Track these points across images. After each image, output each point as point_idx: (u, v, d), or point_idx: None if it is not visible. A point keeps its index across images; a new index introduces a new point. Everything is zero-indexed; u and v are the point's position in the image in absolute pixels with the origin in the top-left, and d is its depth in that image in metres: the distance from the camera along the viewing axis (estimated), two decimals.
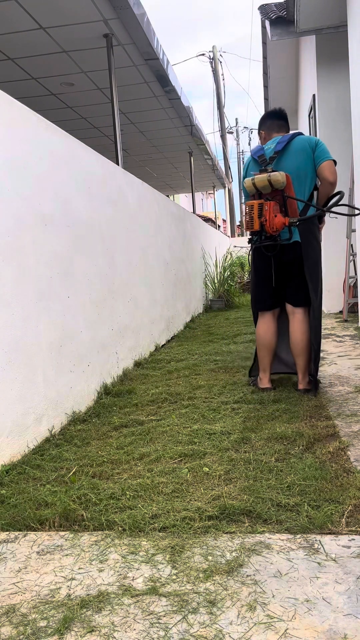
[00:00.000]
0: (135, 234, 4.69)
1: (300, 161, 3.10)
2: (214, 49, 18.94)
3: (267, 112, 3.48)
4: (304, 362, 3.23)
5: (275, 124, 3.33)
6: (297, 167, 3.09)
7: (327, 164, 3.08)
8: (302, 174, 3.11)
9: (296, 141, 3.14)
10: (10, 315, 2.45)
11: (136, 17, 4.73)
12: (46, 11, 4.56)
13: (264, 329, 3.34)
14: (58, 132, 3.13)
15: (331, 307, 7.16)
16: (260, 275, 3.30)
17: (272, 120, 3.35)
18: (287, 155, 3.12)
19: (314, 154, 3.11)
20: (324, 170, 3.09)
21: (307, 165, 3.11)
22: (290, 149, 3.13)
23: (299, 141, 3.13)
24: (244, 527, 1.71)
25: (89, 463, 2.36)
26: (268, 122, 3.36)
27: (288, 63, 8.62)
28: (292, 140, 3.14)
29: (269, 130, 3.34)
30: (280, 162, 3.12)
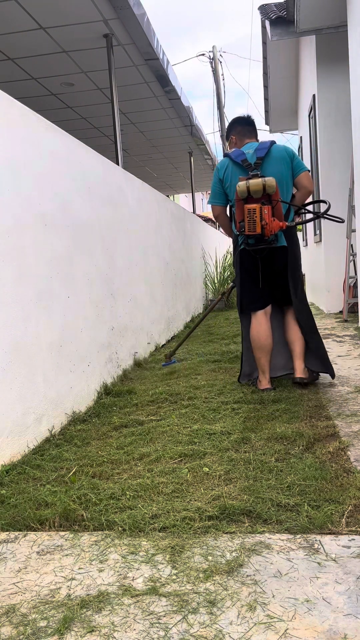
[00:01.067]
0: (135, 234, 4.69)
1: (281, 169, 3.26)
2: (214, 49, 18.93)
3: (235, 117, 3.56)
4: (300, 347, 3.34)
5: (246, 129, 3.47)
6: (279, 174, 3.25)
7: (306, 174, 3.32)
8: (283, 180, 3.27)
9: (275, 149, 3.29)
10: (10, 315, 2.45)
11: (136, 17, 4.73)
12: (46, 11, 4.56)
13: (258, 331, 3.34)
14: (58, 132, 3.13)
15: (331, 307, 7.16)
16: (252, 276, 3.38)
17: (242, 126, 3.48)
18: (269, 162, 3.26)
19: (292, 164, 3.30)
20: (303, 180, 3.31)
21: (287, 173, 3.29)
22: (271, 156, 3.26)
23: (277, 149, 3.29)
24: (244, 527, 1.71)
25: (89, 463, 2.36)
26: (238, 128, 3.49)
27: (288, 63, 8.62)
28: (271, 148, 3.27)
29: (240, 136, 3.47)
30: (264, 168, 3.25)
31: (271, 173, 3.22)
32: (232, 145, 3.53)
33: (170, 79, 6.29)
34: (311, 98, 7.28)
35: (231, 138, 3.54)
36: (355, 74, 4.83)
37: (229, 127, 3.58)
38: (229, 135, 3.56)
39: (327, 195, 6.88)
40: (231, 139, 3.54)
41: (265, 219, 3.10)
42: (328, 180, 6.89)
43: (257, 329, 3.34)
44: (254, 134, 3.49)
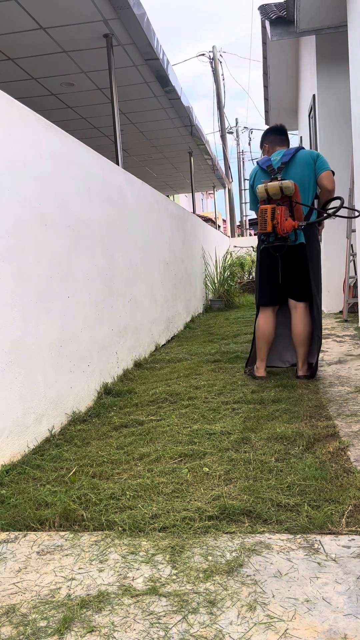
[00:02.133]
0: (135, 234, 4.69)
1: (304, 172, 3.45)
2: (214, 49, 18.94)
3: (269, 127, 3.82)
4: (304, 351, 3.57)
5: (277, 138, 3.69)
6: (302, 177, 3.44)
7: (327, 174, 3.46)
8: (305, 183, 3.45)
9: (300, 154, 3.48)
10: (10, 315, 2.45)
11: (136, 17, 4.73)
12: (46, 11, 4.56)
13: (264, 322, 3.63)
14: (58, 132, 3.13)
15: (331, 307, 7.16)
16: (266, 273, 3.62)
17: (274, 135, 3.71)
18: (292, 166, 3.46)
19: (315, 165, 3.47)
20: (324, 179, 3.46)
21: (310, 175, 3.47)
22: (295, 161, 3.47)
23: (302, 154, 3.49)
24: (244, 527, 1.71)
25: (89, 463, 2.36)
26: (271, 137, 3.71)
27: (288, 63, 8.62)
28: (296, 153, 3.48)
29: (272, 144, 3.69)
30: (287, 172, 3.46)
31: (293, 176, 3.42)
32: (264, 153, 3.76)
33: (170, 79, 6.29)
34: (311, 98, 7.28)
35: (264, 146, 3.75)
36: (355, 74, 4.83)
37: (262, 137, 3.79)
38: (263, 144, 3.78)
39: None
40: (264, 147, 3.76)
41: (277, 218, 3.29)
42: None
43: (263, 321, 3.63)
44: (285, 142, 3.70)
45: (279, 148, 3.65)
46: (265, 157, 3.60)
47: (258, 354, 3.65)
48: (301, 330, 3.52)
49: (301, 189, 3.43)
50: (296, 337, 3.55)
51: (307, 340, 3.53)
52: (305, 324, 3.52)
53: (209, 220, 19.20)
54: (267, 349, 3.63)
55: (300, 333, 3.52)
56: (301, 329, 3.52)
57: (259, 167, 3.60)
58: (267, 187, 3.32)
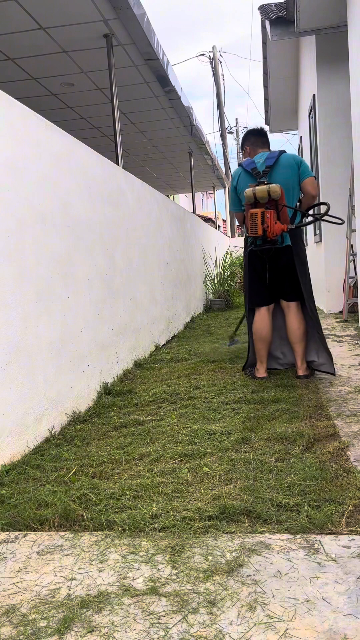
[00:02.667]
0: (135, 234, 4.69)
1: (288, 175, 3.51)
2: (214, 49, 18.94)
3: (250, 129, 3.85)
4: (302, 348, 3.59)
5: (259, 140, 3.73)
6: (286, 180, 3.49)
7: (311, 180, 3.54)
8: (290, 186, 3.52)
9: (284, 157, 3.53)
10: (10, 315, 2.45)
11: (136, 17, 4.73)
12: (46, 11, 4.56)
13: (260, 323, 3.64)
14: (58, 132, 3.13)
15: (331, 307, 7.16)
16: (256, 275, 3.66)
17: (255, 137, 3.75)
18: (277, 169, 3.51)
19: (299, 170, 3.54)
20: (308, 185, 3.54)
21: (294, 179, 3.53)
22: (279, 164, 3.51)
23: (286, 158, 3.54)
24: (244, 527, 1.71)
25: (89, 463, 2.36)
26: (252, 139, 3.75)
27: (288, 63, 8.61)
28: (280, 157, 3.52)
29: (254, 146, 3.72)
30: (272, 175, 3.50)
31: (278, 180, 3.47)
32: (246, 155, 3.80)
33: (170, 79, 6.29)
34: (311, 98, 7.28)
35: (245, 148, 3.79)
36: (355, 74, 4.83)
37: (243, 139, 3.83)
38: (244, 146, 3.81)
39: (327, 195, 6.87)
40: (245, 149, 3.79)
41: (266, 222, 3.35)
42: (328, 180, 6.89)
43: (259, 322, 3.64)
44: (266, 145, 3.73)
45: (260, 150, 3.69)
46: (249, 160, 3.62)
47: (257, 356, 3.67)
48: (296, 327, 3.57)
49: (286, 192, 3.49)
50: (292, 336, 3.59)
51: (303, 338, 3.57)
52: (300, 321, 3.57)
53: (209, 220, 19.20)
54: (267, 350, 3.66)
55: (295, 331, 3.57)
56: (296, 326, 3.57)
57: (242, 169, 3.62)
58: (255, 190, 3.37)
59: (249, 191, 3.39)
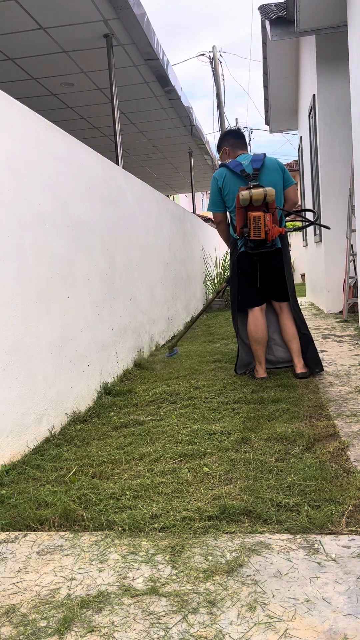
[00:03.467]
0: (135, 234, 4.69)
1: (275, 178, 3.60)
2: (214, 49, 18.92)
3: (228, 130, 3.91)
4: (297, 345, 3.66)
5: (238, 142, 3.78)
6: (274, 183, 3.57)
7: (293, 188, 3.68)
8: (277, 189, 3.58)
9: (268, 161, 3.62)
10: (10, 315, 2.45)
11: (136, 17, 4.73)
12: (46, 11, 4.56)
13: (255, 325, 3.66)
14: (58, 132, 3.13)
15: (331, 307, 7.16)
16: (249, 277, 3.69)
17: (235, 138, 3.79)
18: (265, 172, 3.58)
19: (283, 176, 3.65)
20: (291, 193, 3.68)
21: (280, 183, 3.63)
22: (266, 167, 3.59)
23: (270, 161, 3.62)
24: (244, 527, 1.71)
25: (89, 463, 2.36)
26: (231, 140, 3.79)
27: (288, 63, 8.61)
28: (265, 160, 3.60)
29: (233, 148, 3.78)
30: (261, 178, 3.57)
31: (266, 182, 3.54)
32: (225, 156, 3.82)
33: (170, 79, 6.29)
34: (311, 98, 7.28)
35: (224, 149, 3.83)
36: (355, 74, 4.83)
37: (220, 140, 3.85)
38: (221, 147, 3.84)
39: (327, 195, 6.88)
40: (224, 150, 3.83)
41: (267, 225, 3.42)
42: (328, 180, 6.89)
43: (254, 323, 3.66)
44: (245, 146, 3.81)
45: (240, 152, 3.74)
46: (235, 161, 3.61)
47: (255, 357, 3.70)
48: (290, 325, 3.66)
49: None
50: (287, 335, 3.67)
51: (297, 335, 3.66)
52: (292, 320, 3.68)
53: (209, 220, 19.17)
54: (263, 350, 3.69)
55: (289, 328, 3.66)
56: (289, 324, 3.66)
57: (228, 170, 3.60)
58: (252, 193, 3.39)
59: (246, 194, 3.40)
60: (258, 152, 3.69)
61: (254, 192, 3.38)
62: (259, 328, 3.65)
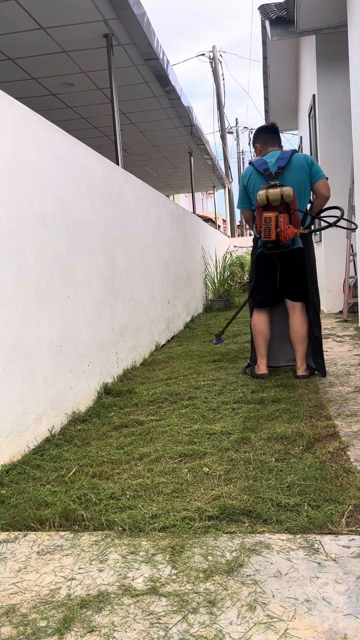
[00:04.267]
0: (135, 234, 4.69)
1: (300, 177, 3.48)
2: (214, 49, 18.94)
3: (261, 126, 3.79)
4: (303, 350, 3.62)
5: (269, 138, 3.67)
6: (298, 182, 3.48)
7: (323, 182, 3.54)
8: (302, 188, 3.50)
9: (295, 158, 3.50)
10: (10, 315, 2.45)
11: (136, 17, 4.73)
12: (46, 11, 4.56)
13: (259, 321, 3.73)
14: (58, 132, 3.13)
15: (331, 307, 7.16)
16: (263, 277, 3.68)
17: (266, 134, 3.69)
18: (289, 171, 3.48)
19: (310, 172, 3.52)
20: (321, 187, 3.54)
21: (306, 181, 3.52)
22: (291, 165, 3.48)
23: (297, 159, 3.50)
24: (244, 527, 1.71)
25: (89, 463, 2.36)
26: (262, 136, 3.70)
27: (288, 63, 8.61)
28: (292, 157, 3.49)
29: (264, 144, 3.68)
30: (284, 177, 3.48)
31: (290, 181, 3.45)
32: (257, 152, 3.76)
33: (170, 79, 6.29)
34: (311, 98, 7.28)
35: (256, 146, 3.76)
36: (355, 74, 4.83)
37: (254, 136, 3.80)
38: (254, 144, 3.78)
39: None
40: (256, 147, 3.76)
41: (280, 226, 3.34)
42: (328, 180, 6.88)
43: (257, 320, 3.74)
44: (277, 142, 3.68)
45: (271, 148, 3.65)
46: (261, 159, 3.58)
47: (257, 352, 3.73)
48: (299, 328, 3.60)
49: (297, 194, 3.46)
50: (294, 336, 3.62)
51: (304, 339, 3.61)
52: (303, 322, 3.60)
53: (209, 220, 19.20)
54: (266, 346, 3.70)
55: (297, 331, 3.60)
56: (299, 326, 3.60)
57: (254, 168, 3.59)
58: (269, 194, 3.35)
59: (262, 194, 3.37)
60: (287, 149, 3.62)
61: (270, 192, 3.35)
62: (261, 324, 3.70)
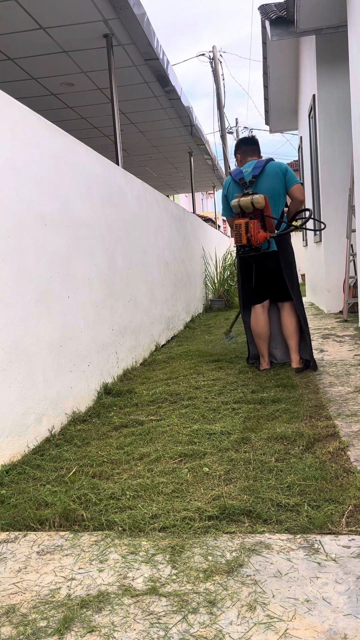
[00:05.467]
0: (135, 234, 4.69)
1: (274, 184, 3.71)
2: (214, 49, 18.92)
3: (241, 138, 4.05)
4: (295, 343, 3.87)
5: (249, 149, 3.92)
6: (272, 189, 3.70)
7: (297, 187, 3.76)
8: (275, 195, 3.73)
9: (269, 167, 3.73)
10: (10, 315, 2.45)
11: (136, 17, 4.73)
12: (46, 11, 4.56)
13: (256, 322, 3.92)
14: (58, 132, 3.13)
15: (331, 307, 7.16)
16: (247, 277, 3.95)
17: (246, 145, 3.94)
18: (263, 179, 3.71)
19: (285, 179, 3.73)
20: (295, 192, 3.76)
21: (280, 187, 3.74)
22: (265, 173, 3.71)
23: (271, 167, 3.73)
24: (244, 527, 1.71)
25: (89, 463, 2.36)
26: (243, 147, 3.94)
27: (288, 63, 8.61)
28: (265, 166, 3.72)
29: (244, 155, 3.92)
30: (258, 184, 3.71)
31: (264, 189, 3.68)
32: (238, 162, 4.00)
33: (170, 79, 6.29)
34: (311, 98, 7.28)
35: (237, 157, 3.99)
36: (355, 74, 4.83)
37: (235, 147, 4.02)
38: (236, 154, 4.01)
39: (326, 195, 6.88)
40: (237, 157, 3.99)
41: (250, 231, 3.57)
42: (328, 180, 6.89)
43: (255, 320, 3.93)
44: (256, 153, 3.92)
45: (250, 158, 3.88)
46: (238, 169, 3.83)
47: (259, 350, 3.95)
48: (289, 324, 3.87)
49: (271, 200, 3.69)
50: (286, 332, 3.88)
51: (296, 333, 3.86)
52: (293, 318, 3.87)
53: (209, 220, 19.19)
54: (266, 343, 3.92)
55: (288, 326, 3.87)
56: (289, 322, 3.87)
57: (231, 178, 3.85)
58: (240, 202, 3.58)
59: (235, 202, 3.61)
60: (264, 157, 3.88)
61: (241, 200, 3.57)
62: (260, 325, 3.90)
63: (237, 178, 3.77)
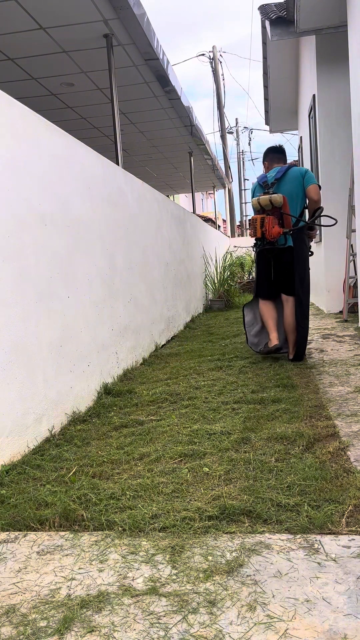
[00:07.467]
0: (135, 234, 4.69)
1: (293, 187, 4.10)
2: (214, 49, 18.92)
3: (269, 147, 4.44)
4: (294, 337, 4.14)
5: (275, 156, 4.33)
6: (291, 191, 4.09)
7: (313, 187, 4.09)
8: (294, 196, 4.10)
9: (291, 171, 4.13)
10: (10, 315, 2.45)
11: (136, 17, 4.73)
12: (46, 11, 4.56)
13: (264, 307, 4.34)
14: (58, 132, 3.13)
15: (331, 307, 7.16)
16: (262, 271, 4.34)
17: (273, 153, 4.35)
18: (284, 182, 4.11)
19: (303, 180, 4.09)
20: (310, 192, 4.10)
21: (299, 189, 4.11)
22: (286, 177, 4.12)
23: (293, 171, 4.13)
24: (244, 527, 1.71)
25: (89, 463, 2.36)
26: (270, 155, 4.36)
27: (288, 63, 8.61)
28: (288, 170, 4.13)
29: (271, 162, 4.33)
30: (279, 187, 4.12)
31: (284, 190, 4.08)
32: (265, 169, 4.40)
33: (170, 79, 6.29)
34: (311, 98, 7.28)
35: (265, 163, 4.39)
36: (355, 74, 4.83)
37: (264, 155, 4.43)
38: (264, 161, 4.41)
39: (326, 195, 6.87)
40: (264, 164, 4.39)
41: (265, 226, 3.97)
42: (328, 180, 6.89)
43: (262, 308, 4.38)
44: (282, 160, 4.33)
45: (276, 165, 4.27)
46: (262, 175, 4.28)
47: (268, 329, 4.27)
48: (291, 319, 4.14)
49: (290, 201, 4.05)
50: (287, 326, 4.16)
51: (295, 328, 4.11)
52: (294, 313, 4.12)
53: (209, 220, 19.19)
54: (274, 320, 4.25)
55: (290, 322, 4.14)
56: (291, 318, 4.14)
57: (257, 182, 4.28)
58: (260, 199, 3.99)
59: (254, 200, 4.04)
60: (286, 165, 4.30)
61: (260, 198, 3.98)
62: (268, 308, 4.31)
63: (262, 182, 4.19)
